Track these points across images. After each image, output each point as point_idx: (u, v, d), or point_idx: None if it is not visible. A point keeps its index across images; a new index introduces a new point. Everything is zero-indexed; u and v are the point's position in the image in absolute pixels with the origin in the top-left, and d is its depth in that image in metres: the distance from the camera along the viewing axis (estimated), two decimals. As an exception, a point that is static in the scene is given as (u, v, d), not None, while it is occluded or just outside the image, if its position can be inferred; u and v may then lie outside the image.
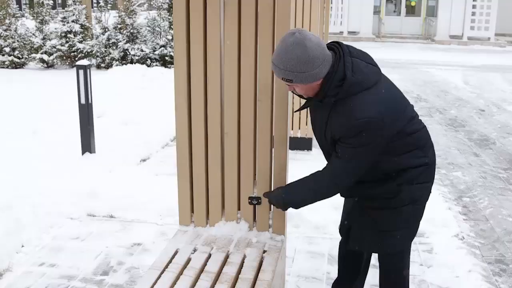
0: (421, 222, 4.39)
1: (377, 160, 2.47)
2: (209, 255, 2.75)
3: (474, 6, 24.80)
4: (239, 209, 2.96)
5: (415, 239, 4.21)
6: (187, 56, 2.79)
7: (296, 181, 2.68)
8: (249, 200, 2.89)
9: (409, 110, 2.56)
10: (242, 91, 2.79)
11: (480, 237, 4.42)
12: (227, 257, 2.74)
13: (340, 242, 3.12)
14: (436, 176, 6.03)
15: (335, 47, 2.40)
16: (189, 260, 2.70)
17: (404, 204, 2.59)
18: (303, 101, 2.67)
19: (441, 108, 9.66)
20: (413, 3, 27.96)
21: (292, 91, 2.48)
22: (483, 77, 13.87)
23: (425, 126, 2.65)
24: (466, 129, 8.28)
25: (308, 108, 2.65)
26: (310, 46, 2.23)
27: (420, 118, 2.69)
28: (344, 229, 2.92)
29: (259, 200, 2.89)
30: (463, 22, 25.01)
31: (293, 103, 5.73)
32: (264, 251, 2.80)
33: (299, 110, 2.63)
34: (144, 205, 4.76)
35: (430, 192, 2.72)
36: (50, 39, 14.25)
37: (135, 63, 13.52)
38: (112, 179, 5.27)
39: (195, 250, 2.80)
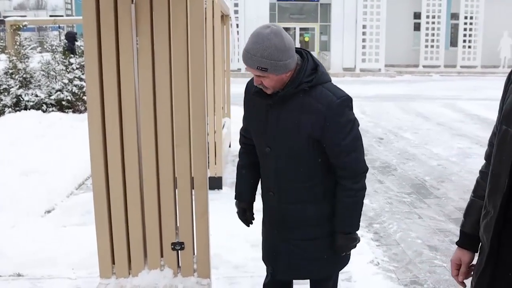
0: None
1: (320, 175, 2.51)
2: (135, 307, 2.64)
3: (364, 40, 26.28)
4: (162, 256, 2.89)
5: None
6: (100, 104, 2.72)
7: (343, 211, 2.55)
8: (172, 246, 2.82)
9: None
10: (159, 137, 2.75)
11: (394, 260, 4.58)
12: (154, 307, 2.66)
13: (264, 284, 3.01)
14: (346, 205, 6.19)
15: (297, 48, 2.49)
16: (114, 315, 2.58)
17: (330, 234, 2.60)
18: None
19: (342, 138, 10.00)
20: (306, 39, 29.16)
21: (259, 85, 2.42)
22: (378, 107, 14.60)
23: None
24: (369, 157, 8.63)
25: (253, 112, 2.59)
26: (286, 37, 2.32)
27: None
28: (271, 262, 2.78)
29: (182, 246, 2.83)
30: (354, 55, 26.41)
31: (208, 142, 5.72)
32: (192, 297, 2.74)
33: (273, 104, 2.48)
34: (53, 259, 4.49)
35: None
36: None
37: (29, 109, 12.94)
38: (16, 235, 4.95)
39: (119, 304, 2.68)
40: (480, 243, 2.03)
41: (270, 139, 2.50)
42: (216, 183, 6.47)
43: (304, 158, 2.48)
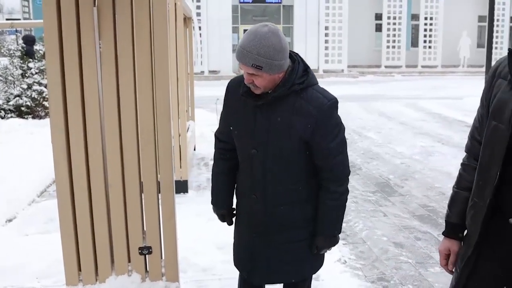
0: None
1: (306, 177, 2.51)
2: (103, 314, 2.61)
3: (326, 41, 26.58)
4: (129, 261, 2.86)
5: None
6: (63, 109, 2.67)
7: (325, 213, 2.56)
8: (140, 251, 2.80)
9: None
10: (124, 141, 2.72)
11: (360, 258, 4.64)
12: (122, 313, 2.62)
13: None
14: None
15: None
16: (81, 322, 2.54)
17: (312, 235, 2.60)
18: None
19: (307, 139, 10.08)
20: (269, 41, 29.26)
21: (249, 83, 2.38)
22: (341, 107, 14.48)
23: None
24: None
25: (239, 113, 2.52)
26: (283, 37, 2.31)
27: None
28: (246, 267, 2.70)
29: (150, 250, 2.81)
30: (317, 56, 26.64)
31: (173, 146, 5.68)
32: (160, 302, 2.72)
33: (260, 104, 2.44)
34: (17, 269, 4.39)
35: None
36: None
37: (-14, 116, 12.65)
38: (-23, 244, 4.83)
39: (86, 311, 2.64)
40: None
41: (259, 141, 2.46)
42: (181, 187, 6.43)
43: (293, 160, 2.48)
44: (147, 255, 2.83)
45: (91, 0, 2.61)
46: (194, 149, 8.65)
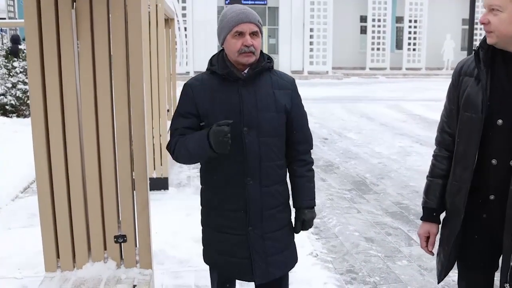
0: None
1: (283, 154, 2.64)
2: (79, 297, 2.77)
3: (311, 43, 26.81)
4: (105, 249, 3.02)
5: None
6: (43, 107, 2.82)
7: (304, 185, 2.68)
8: (115, 239, 2.96)
9: None
10: (101, 137, 2.88)
11: (332, 252, 4.82)
12: (97, 297, 2.78)
13: None
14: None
15: None
16: (58, 305, 2.70)
17: (290, 218, 2.72)
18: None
19: (289, 139, 10.24)
20: (255, 42, 29.45)
21: (249, 46, 2.46)
22: (324, 108, 14.94)
23: None
24: (313, 157, 8.84)
25: (220, 99, 2.51)
26: None
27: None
28: (249, 270, 2.60)
29: (125, 238, 2.97)
30: (302, 58, 26.89)
31: (154, 144, 5.81)
32: (134, 286, 2.87)
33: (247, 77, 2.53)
34: None
35: None
36: None
37: (-29, 114, 12.67)
38: (-39, 238, 4.95)
39: (63, 295, 2.80)
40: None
41: (249, 118, 2.47)
42: (162, 184, 6.59)
43: (280, 134, 2.57)
44: (122, 243, 2.99)
45: (69, 2, 2.78)
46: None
